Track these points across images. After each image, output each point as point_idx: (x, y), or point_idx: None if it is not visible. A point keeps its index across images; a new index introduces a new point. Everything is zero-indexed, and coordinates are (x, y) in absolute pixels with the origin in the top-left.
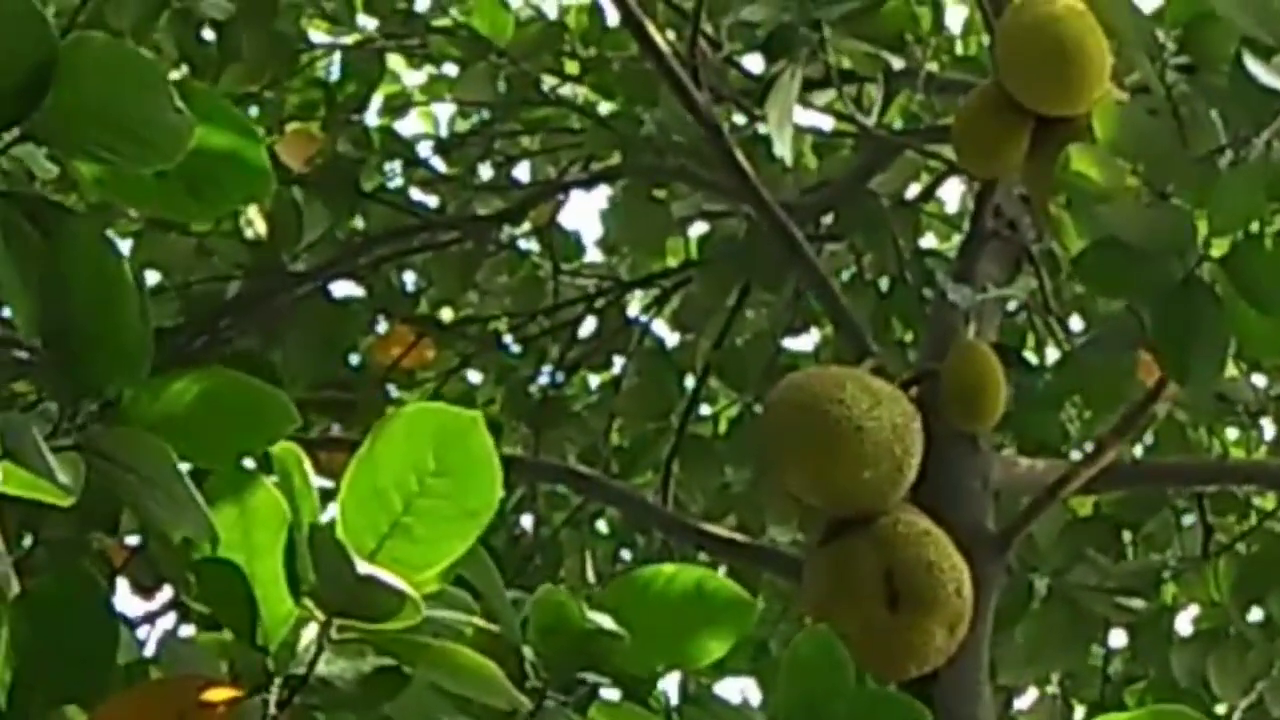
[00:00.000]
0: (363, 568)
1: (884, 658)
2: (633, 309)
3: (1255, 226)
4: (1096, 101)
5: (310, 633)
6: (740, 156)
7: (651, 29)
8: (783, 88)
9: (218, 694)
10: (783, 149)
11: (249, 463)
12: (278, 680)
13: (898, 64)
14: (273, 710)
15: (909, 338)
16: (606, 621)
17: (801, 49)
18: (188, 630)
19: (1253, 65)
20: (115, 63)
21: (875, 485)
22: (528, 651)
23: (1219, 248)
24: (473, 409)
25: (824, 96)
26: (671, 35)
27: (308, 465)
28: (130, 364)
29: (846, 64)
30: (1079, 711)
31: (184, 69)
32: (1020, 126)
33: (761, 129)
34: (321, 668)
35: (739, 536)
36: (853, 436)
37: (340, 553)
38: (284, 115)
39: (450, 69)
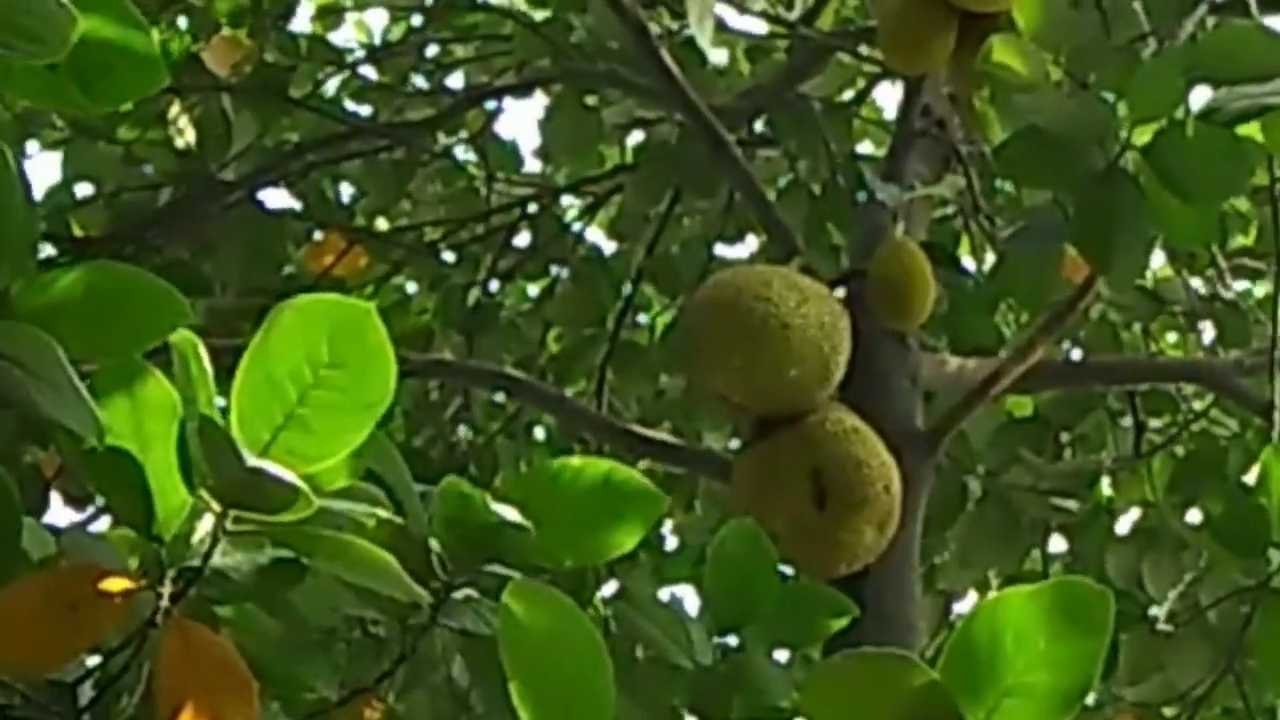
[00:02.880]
0: (251, 460)
1: (813, 555)
2: (570, 218)
3: (1177, 114)
4: None
5: (206, 525)
6: (668, 59)
7: None
8: None
9: (112, 584)
10: (704, 43)
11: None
12: (171, 572)
13: None
14: (166, 602)
15: (842, 242)
16: (511, 513)
17: None
18: None
19: None
20: None
21: (802, 383)
22: (434, 544)
23: (1141, 136)
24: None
25: (758, 1)
26: None
27: (204, 354)
28: (15, 256)
29: None
30: None
31: None
32: (945, 23)
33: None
34: (217, 559)
35: (673, 439)
36: (779, 333)
37: (229, 444)
38: (212, 23)
39: None
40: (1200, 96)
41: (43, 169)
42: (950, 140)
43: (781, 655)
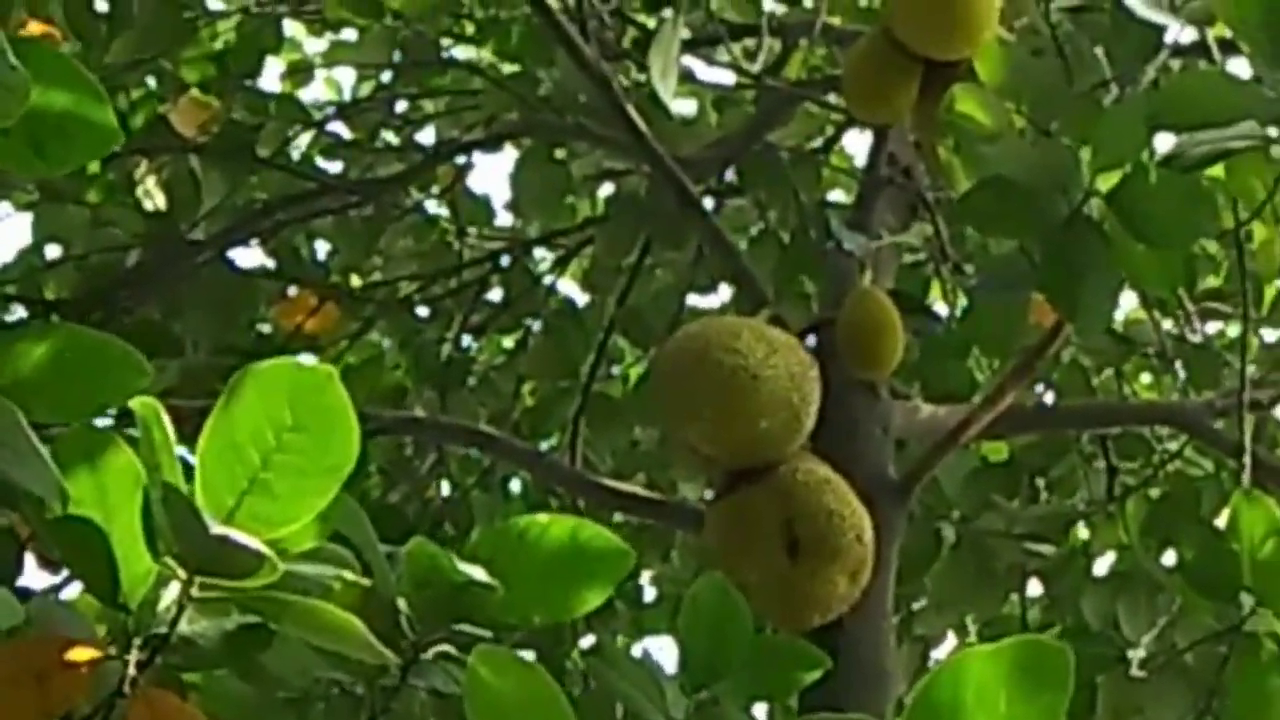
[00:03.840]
0: (215, 527)
1: (787, 607)
2: (541, 270)
3: (1141, 160)
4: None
5: (173, 592)
6: (632, 111)
7: None
8: (665, 38)
9: (78, 654)
10: (667, 98)
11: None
12: (138, 639)
13: (781, 10)
14: (133, 670)
15: (813, 290)
16: (478, 572)
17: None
18: None
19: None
20: None
21: (773, 434)
22: (402, 604)
23: (1105, 183)
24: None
25: (724, 52)
26: None
27: (167, 420)
28: None
29: (736, 17)
30: None
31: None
32: (909, 72)
33: None
34: (184, 626)
35: (646, 493)
36: (748, 385)
37: (192, 512)
38: (179, 84)
39: (351, 34)
40: (1164, 142)
41: (14, 231)
42: (917, 188)
43: (759, 709)
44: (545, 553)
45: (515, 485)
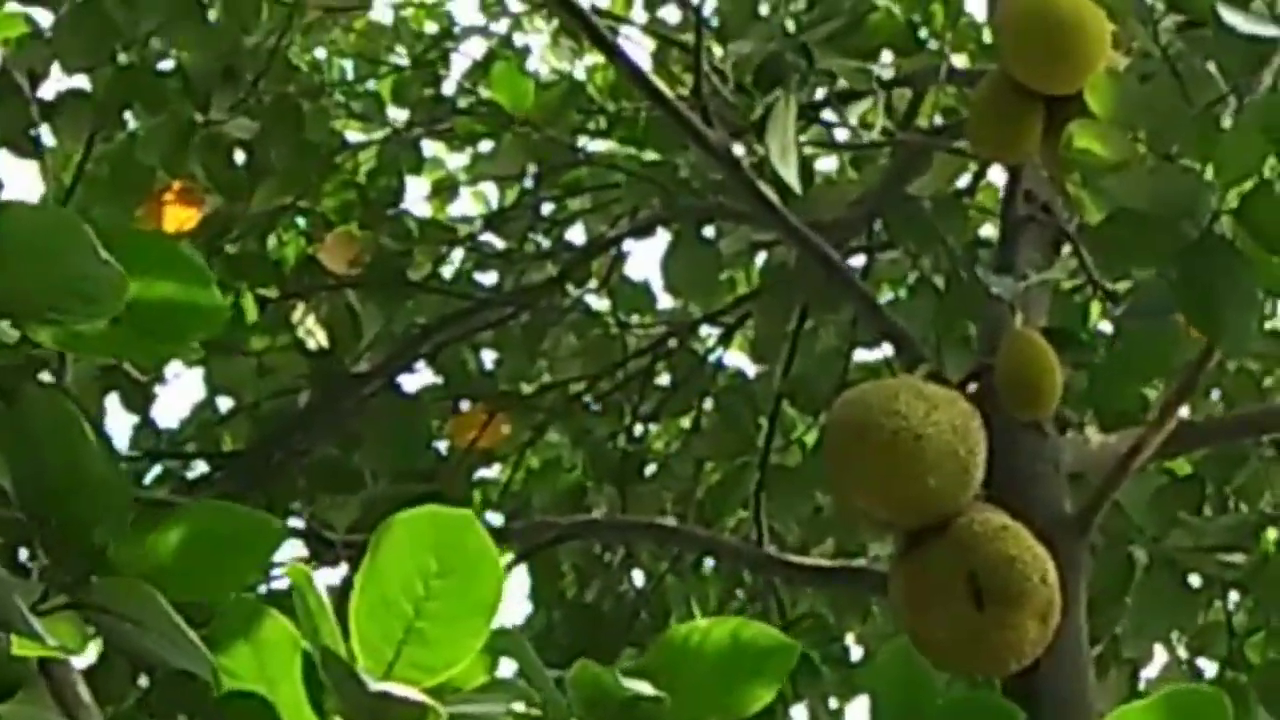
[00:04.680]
0: (374, 685)
1: (981, 658)
2: (707, 348)
3: (1266, 172)
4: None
5: None
6: (764, 188)
7: (654, 79)
8: (779, 117)
9: None
10: (789, 177)
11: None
12: None
13: (887, 74)
14: None
15: (974, 332)
16: (644, 687)
17: (792, 76)
18: None
19: (1228, 16)
20: (43, 226)
21: (944, 490)
22: None
23: (1231, 201)
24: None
25: (858, 108)
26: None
27: (319, 585)
28: (110, 516)
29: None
30: (1210, 668)
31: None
32: (1031, 109)
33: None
34: None
35: (828, 563)
36: (913, 446)
37: (350, 673)
38: (325, 222)
39: (488, 146)
40: None
41: (187, 387)
42: (1057, 222)
43: None
44: (710, 657)
45: (709, 564)
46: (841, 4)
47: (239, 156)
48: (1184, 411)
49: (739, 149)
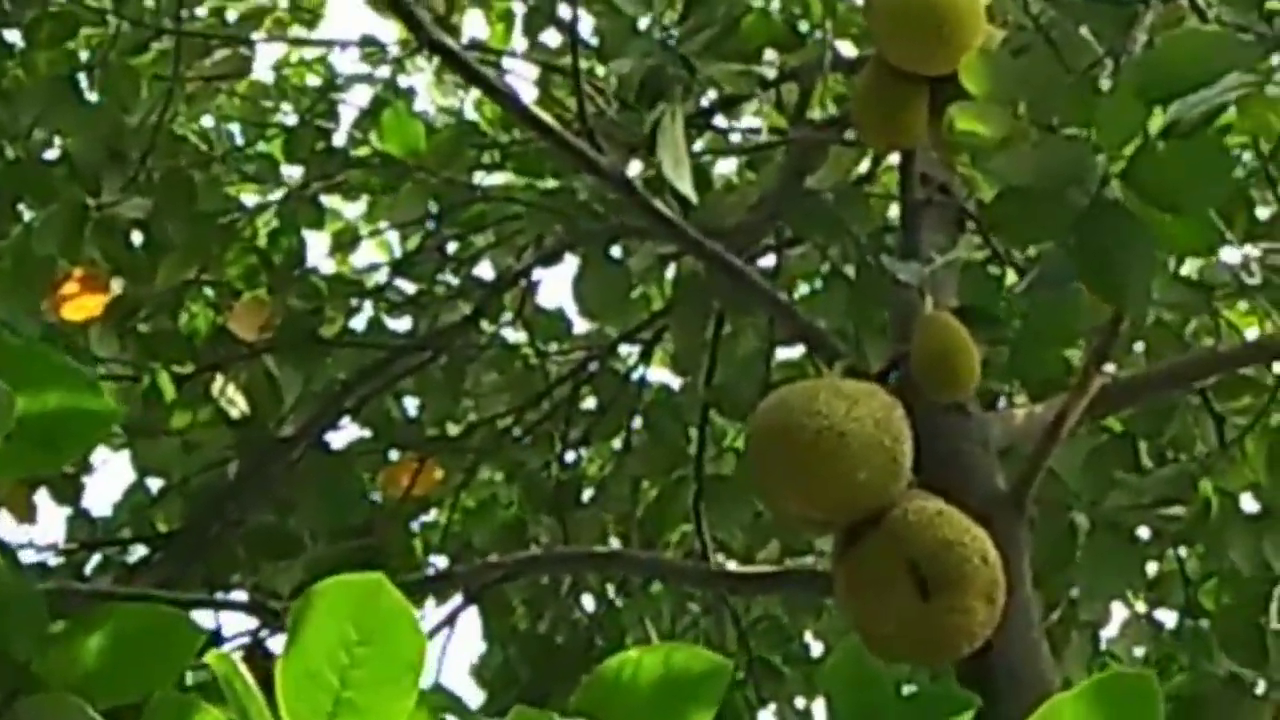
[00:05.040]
0: None
1: (932, 646)
2: (629, 366)
3: (1153, 129)
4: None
5: None
6: (660, 205)
7: (536, 110)
8: (667, 130)
9: None
10: (685, 189)
11: None
12: None
13: (772, 73)
14: None
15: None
16: None
17: (675, 88)
18: None
19: None
20: None
21: (874, 483)
22: None
23: (1116, 165)
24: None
25: (748, 109)
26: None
27: (244, 670)
28: (29, 630)
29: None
30: (1170, 618)
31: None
32: (914, 93)
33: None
34: None
35: (770, 569)
36: (837, 443)
37: None
38: (231, 291)
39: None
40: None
41: (118, 470)
42: (957, 201)
43: None
44: (644, 688)
45: (657, 584)
46: (715, 11)
47: (137, 236)
48: (1109, 369)
49: (634, 166)
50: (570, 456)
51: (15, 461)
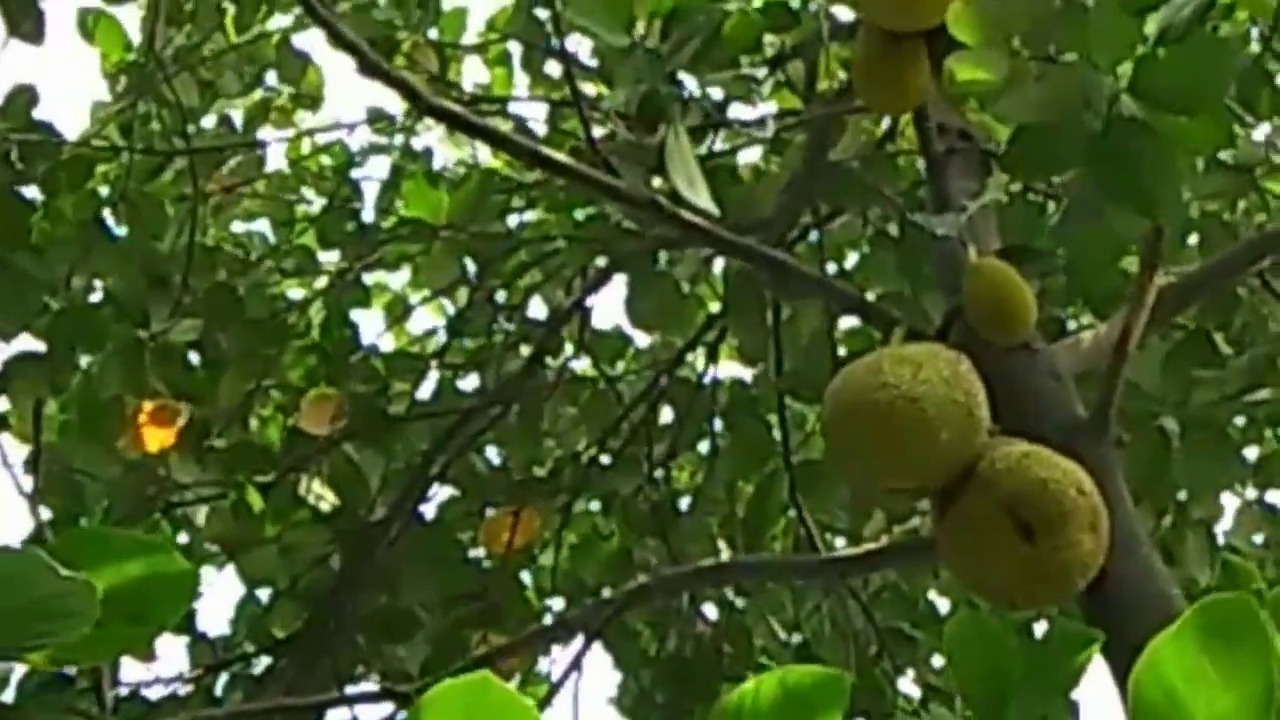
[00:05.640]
0: None
1: (1048, 587)
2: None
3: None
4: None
5: None
6: (688, 215)
7: (547, 151)
8: (674, 150)
9: None
10: (704, 205)
11: None
12: None
13: (761, 73)
14: None
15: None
16: None
17: (673, 105)
18: None
19: None
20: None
21: (956, 441)
22: None
23: (1124, 79)
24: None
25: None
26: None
27: None
28: None
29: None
30: None
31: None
32: (911, 51)
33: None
34: None
35: (873, 546)
36: (912, 411)
37: None
38: (294, 389)
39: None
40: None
41: (228, 586)
42: (979, 145)
43: None
44: (764, 711)
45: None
46: (696, 22)
47: (194, 357)
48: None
49: (656, 180)
50: (660, 473)
51: (107, 643)
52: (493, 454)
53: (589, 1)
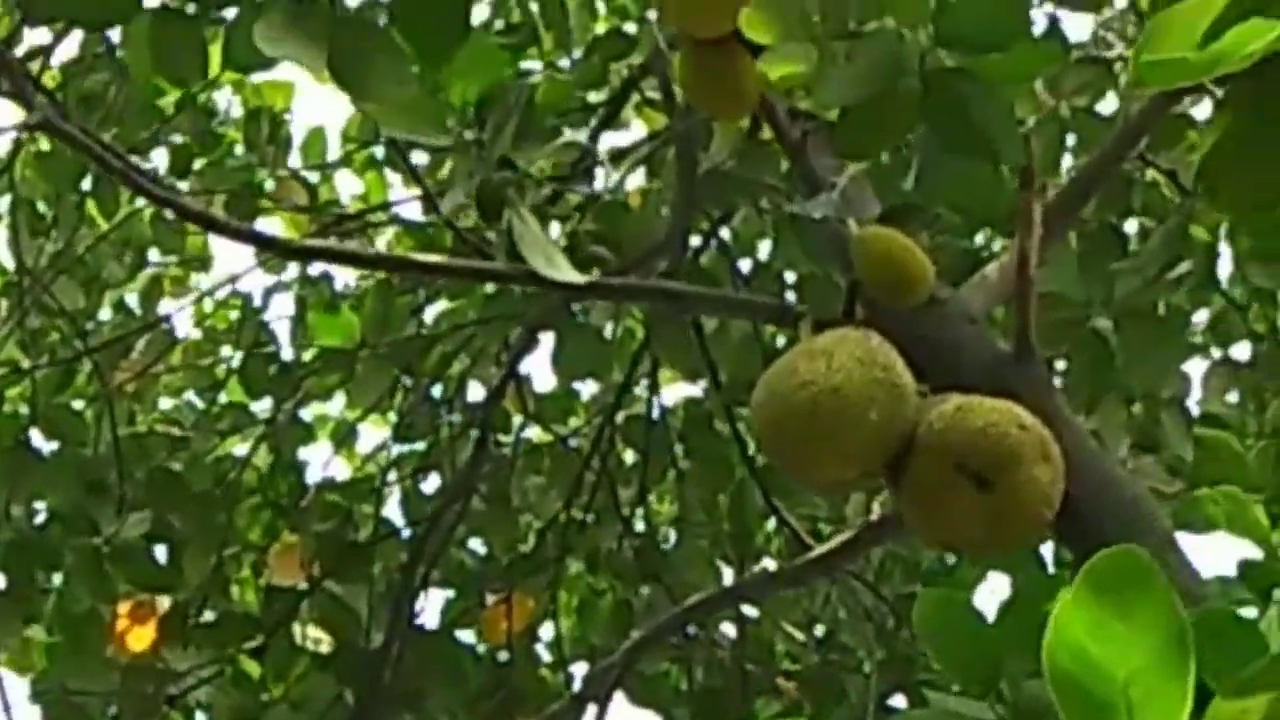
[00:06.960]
0: None
1: (1019, 528)
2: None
3: None
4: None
5: None
6: (563, 276)
7: (413, 256)
8: (521, 233)
9: None
10: (569, 277)
11: None
12: None
13: (582, 136)
14: None
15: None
16: None
17: (508, 190)
18: None
19: None
20: None
21: (888, 416)
22: None
23: (922, 35)
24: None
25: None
26: None
27: None
28: None
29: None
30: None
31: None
32: (730, 57)
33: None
34: None
35: (849, 535)
36: (835, 402)
37: None
38: (256, 548)
39: None
40: None
41: None
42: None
43: None
44: None
45: None
46: (507, 100)
47: (159, 548)
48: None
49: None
50: (640, 512)
51: None
52: (477, 544)
53: (391, 112)
